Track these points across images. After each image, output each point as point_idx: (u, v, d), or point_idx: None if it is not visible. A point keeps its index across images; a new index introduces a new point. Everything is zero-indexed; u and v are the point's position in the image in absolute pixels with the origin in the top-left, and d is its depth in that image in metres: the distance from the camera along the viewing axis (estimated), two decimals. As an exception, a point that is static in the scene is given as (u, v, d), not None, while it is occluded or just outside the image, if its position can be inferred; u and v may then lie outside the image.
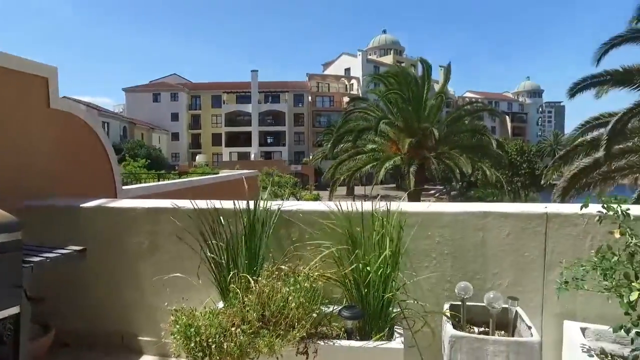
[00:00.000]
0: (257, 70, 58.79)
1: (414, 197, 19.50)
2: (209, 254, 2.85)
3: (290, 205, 3.10)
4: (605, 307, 2.34)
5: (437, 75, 32.07)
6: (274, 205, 3.06)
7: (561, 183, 11.33)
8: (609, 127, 8.91)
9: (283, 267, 2.63)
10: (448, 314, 2.53)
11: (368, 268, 2.51)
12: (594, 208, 2.46)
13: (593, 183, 10.66)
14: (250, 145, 57.86)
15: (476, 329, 2.62)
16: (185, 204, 3.18)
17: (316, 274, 2.58)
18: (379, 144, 22.03)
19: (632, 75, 9.86)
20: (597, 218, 2.41)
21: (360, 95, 39.98)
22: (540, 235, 2.78)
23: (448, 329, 2.37)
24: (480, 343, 2.27)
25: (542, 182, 14.87)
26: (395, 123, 21.01)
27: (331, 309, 2.64)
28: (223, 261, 2.79)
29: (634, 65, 9.63)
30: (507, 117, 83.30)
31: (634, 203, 10.39)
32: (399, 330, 2.52)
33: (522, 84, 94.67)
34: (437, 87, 24.63)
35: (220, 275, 2.80)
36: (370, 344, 2.36)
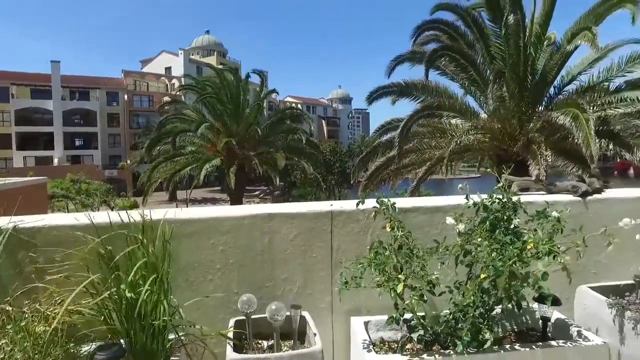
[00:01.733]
0: (59, 62, 50.41)
1: (236, 198, 19.30)
2: None
3: (33, 220, 2.37)
4: (386, 299, 2.36)
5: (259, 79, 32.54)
6: (9, 222, 2.28)
7: (364, 180, 12.54)
8: (399, 130, 10.18)
9: (9, 307, 1.92)
10: (230, 334, 2.22)
11: (130, 294, 2.01)
12: (371, 204, 2.47)
13: (387, 178, 12.13)
14: (53, 149, 49.25)
15: (265, 343, 2.38)
16: None
17: (61, 309, 1.96)
18: (198, 145, 21.12)
19: (411, 88, 11.53)
20: (373, 214, 2.43)
21: (182, 96, 37.89)
22: (327, 234, 2.71)
23: (228, 352, 2.06)
24: (262, 362, 2.02)
25: (352, 180, 16.22)
26: (215, 125, 20.44)
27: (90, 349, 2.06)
28: None
29: (411, 80, 11.31)
30: (323, 121, 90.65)
31: (412, 192, 12.18)
32: (175, 362, 2.10)
33: (334, 92, 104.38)
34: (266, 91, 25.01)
35: None
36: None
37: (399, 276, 2.08)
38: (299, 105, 63.41)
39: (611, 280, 2.80)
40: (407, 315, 2.20)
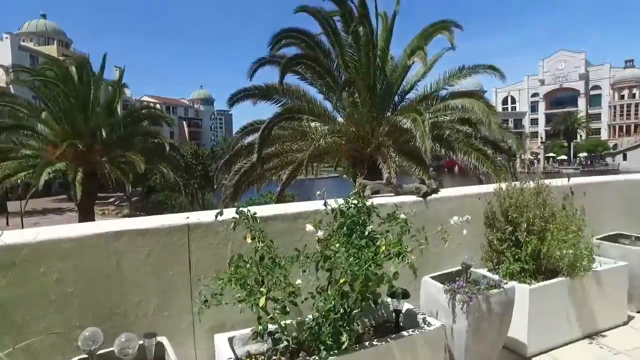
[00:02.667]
0: None
1: (85, 208, 17.01)
2: None
3: None
4: (250, 311, 2.26)
5: (113, 75, 29.30)
6: None
7: (228, 184, 12.21)
8: (259, 133, 10.15)
9: None
10: (67, 378, 1.87)
11: None
12: (231, 214, 2.35)
13: (252, 182, 12.03)
14: None
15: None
16: None
17: None
18: (34, 148, 18.02)
19: (272, 91, 11.65)
20: (232, 225, 2.31)
21: (10, 88, 31.88)
22: (184, 249, 2.50)
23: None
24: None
25: (214, 183, 15.65)
26: (57, 124, 17.69)
27: None
28: None
29: (273, 84, 11.43)
30: (184, 122, 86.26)
31: (278, 195, 12.35)
32: None
33: (196, 92, 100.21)
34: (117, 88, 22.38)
35: None
36: None
37: (261, 289, 2.01)
38: (158, 106, 59.11)
39: (447, 269, 3.19)
40: (274, 326, 2.15)
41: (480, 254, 3.55)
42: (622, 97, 68.80)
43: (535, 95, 79.86)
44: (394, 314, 2.60)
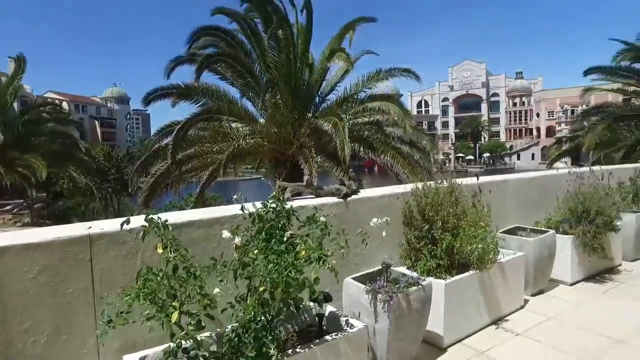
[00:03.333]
0: None
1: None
2: None
3: None
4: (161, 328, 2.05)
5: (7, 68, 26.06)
6: None
7: (144, 187, 11.43)
8: (173, 134, 9.64)
9: None
10: None
11: None
12: (139, 221, 2.12)
13: (169, 184, 11.38)
14: None
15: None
16: None
17: None
18: None
19: (191, 91, 11.13)
20: (141, 234, 2.08)
21: None
22: (85, 263, 2.22)
23: None
24: None
25: (130, 187, 14.63)
26: None
27: None
28: None
29: (192, 83, 10.93)
30: (96, 122, 79.70)
31: (197, 197, 11.84)
32: None
33: (109, 90, 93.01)
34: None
35: None
36: None
37: (173, 304, 1.83)
38: (65, 104, 53.81)
39: (368, 268, 3.21)
40: (189, 343, 1.97)
41: (400, 252, 3.65)
42: (515, 104, 76.66)
43: (445, 100, 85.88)
44: (316, 318, 2.54)
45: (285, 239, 2.06)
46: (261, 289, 1.92)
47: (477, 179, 4.12)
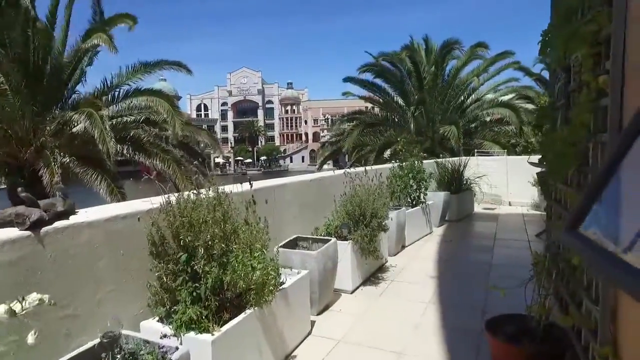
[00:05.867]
0: None
1: None
2: None
3: None
4: None
5: None
6: None
7: None
8: None
9: None
10: None
11: None
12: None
13: None
14: None
15: None
16: None
17: None
18: None
19: None
20: None
21: None
22: None
23: None
24: None
25: None
26: None
27: None
28: None
29: None
30: None
31: None
32: None
33: None
34: None
35: None
36: None
37: None
38: None
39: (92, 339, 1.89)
40: None
41: (149, 295, 2.44)
42: (287, 111, 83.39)
43: (224, 104, 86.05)
44: None
45: None
46: None
47: (251, 186, 3.24)
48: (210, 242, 2.47)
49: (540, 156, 2.89)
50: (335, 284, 4.02)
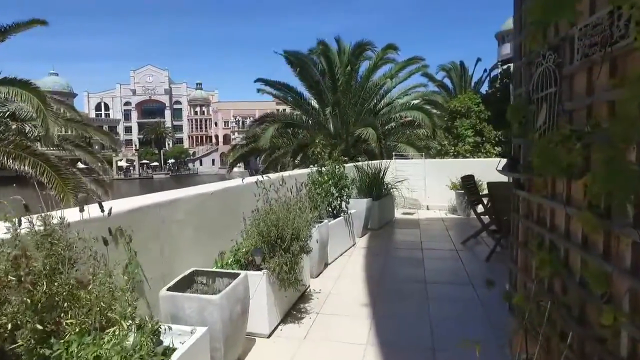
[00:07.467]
0: None
1: None
2: None
3: None
4: None
5: None
6: None
7: None
8: None
9: None
10: None
11: None
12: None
13: None
14: None
15: None
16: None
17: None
18: None
19: None
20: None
21: None
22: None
23: None
24: None
25: None
26: None
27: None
28: None
29: None
30: None
31: None
32: None
33: None
34: None
35: None
36: None
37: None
38: None
39: None
40: None
41: None
42: (196, 112, 78.91)
43: (128, 104, 78.70)
44: None
45: None
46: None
47: (109, 213, 2.10)
48: (15, 321, 1.36)
49: (500, 160, 2.25)
50: (247, 326, 3.04)
